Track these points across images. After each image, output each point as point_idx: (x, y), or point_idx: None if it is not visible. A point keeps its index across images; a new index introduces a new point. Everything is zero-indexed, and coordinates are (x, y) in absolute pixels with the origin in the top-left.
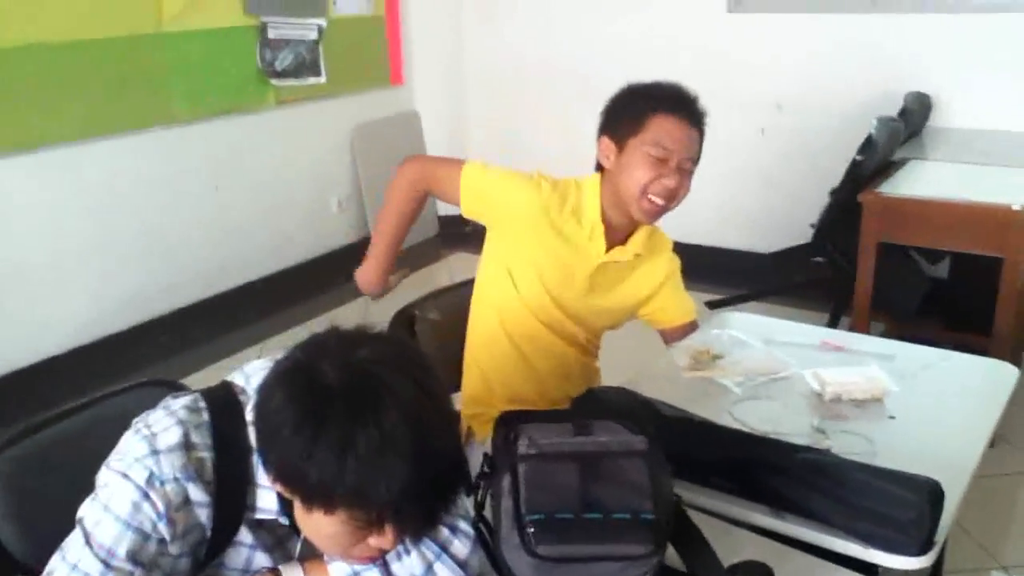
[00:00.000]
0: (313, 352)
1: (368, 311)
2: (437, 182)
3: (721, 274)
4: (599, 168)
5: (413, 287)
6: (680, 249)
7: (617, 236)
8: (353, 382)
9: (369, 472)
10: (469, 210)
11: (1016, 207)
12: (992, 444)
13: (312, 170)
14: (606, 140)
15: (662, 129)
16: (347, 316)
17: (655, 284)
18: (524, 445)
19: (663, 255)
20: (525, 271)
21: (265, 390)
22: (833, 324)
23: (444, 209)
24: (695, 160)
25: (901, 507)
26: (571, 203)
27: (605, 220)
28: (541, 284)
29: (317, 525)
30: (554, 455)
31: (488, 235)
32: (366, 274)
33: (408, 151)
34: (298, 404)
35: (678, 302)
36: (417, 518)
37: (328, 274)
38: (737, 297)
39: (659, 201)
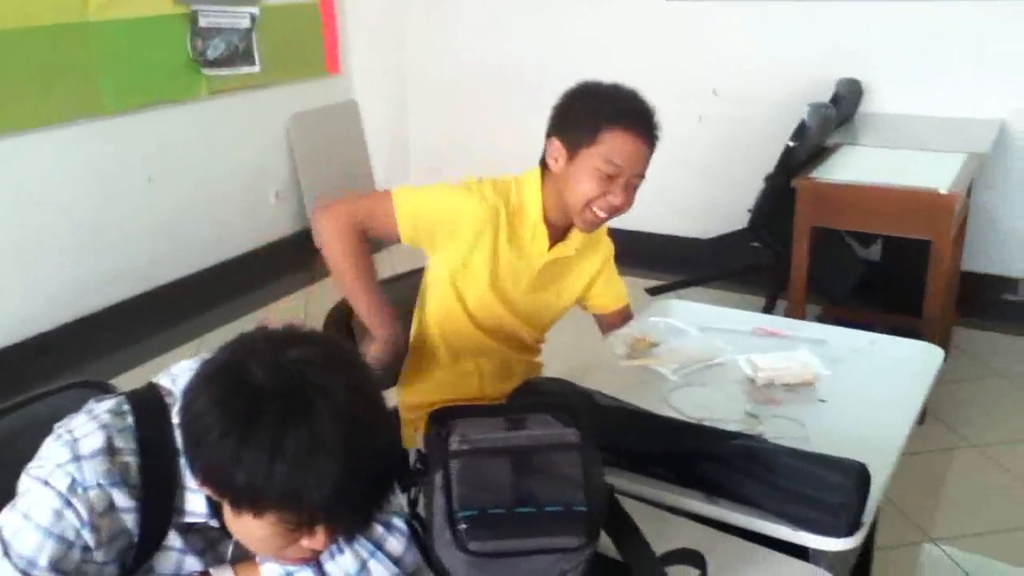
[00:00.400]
0: (241, 353)
1: (308, 306)
2: (369, 220)
3: (661, 260)
4: (542, 163)
5: None
6: (620, 236)
7: (558, 232)
8: (282, 383)
9: (299, 475)
10: (411, 238)
11: (943, 191)
12: (922, 422)
13: (248, 161)
14: (557, 143)
15: (615, 145)
16: (287, 309)
17: (595, 272)
18: (456, 441)
19: (601, 242)
20: (474, 284)
21: (191, 392)
22: (770, 308)
23: None
24: (643, 176)
25: (829, 490)
26: (513, 204)
27: (546, 219)
28: (491, 291)
29: (247, 528)
30: (486, 450)
31: (432, 259)
32: (377, 329)
33: (346, 141)
34: (225, 406)
35: (614, 288)
36: (349, 519)
37: (267, 267)
38: (676, 283)
39: (602, 215)
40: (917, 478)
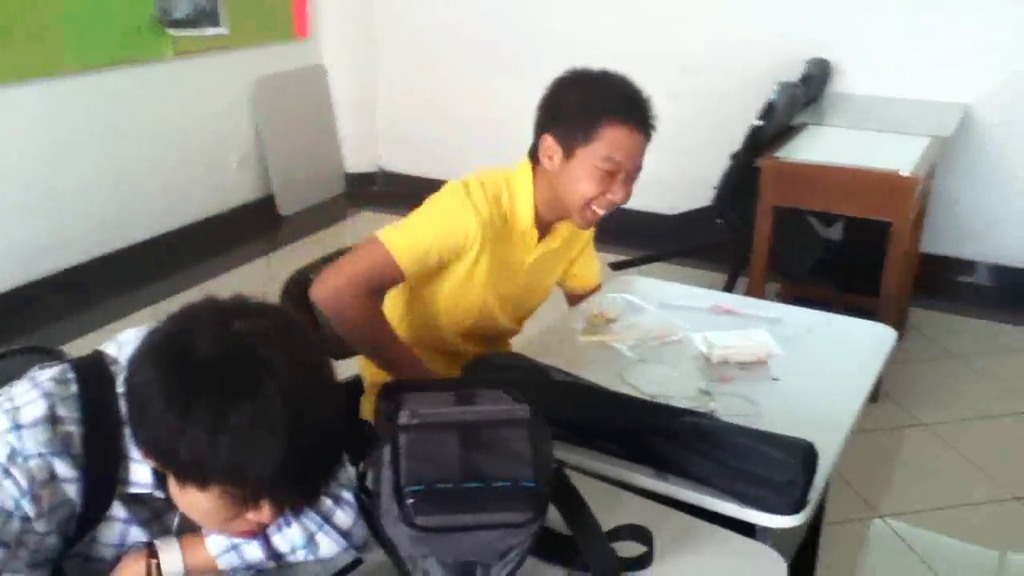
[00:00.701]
0: (185, 324)
1: (269, 274)
2: (372, 279)
3: (626, 235)
4: (532, 157)
5: (315, 247)
6: None
7: (547, 225)
8: (226, 356)
9: (242, 450)
10: (416, 273)
11: (904, 173)
12: (875, 400)
13: (212, 125)
14: (550, 140)
15: (615, 142)
16: (245, 276)
17: (575, 253)
18: (405, 416)
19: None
20: (471, 291)
21: (135, 363)
22: (731, 285)
23: (353, 166)
24: (641, 167)
25: (776, 469)
26: (504, 207)
27: (537, 217)
28: (492, 293)
29: (192, 500)
30: (435, 425)
31: (435, 275)
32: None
33: (313, 106)
34: (168, 379)
35: (590, 267)
36: (295, 494)
37: (227, 233)
38: (640, 259)
39: (601, 212)
40: (868, 456)
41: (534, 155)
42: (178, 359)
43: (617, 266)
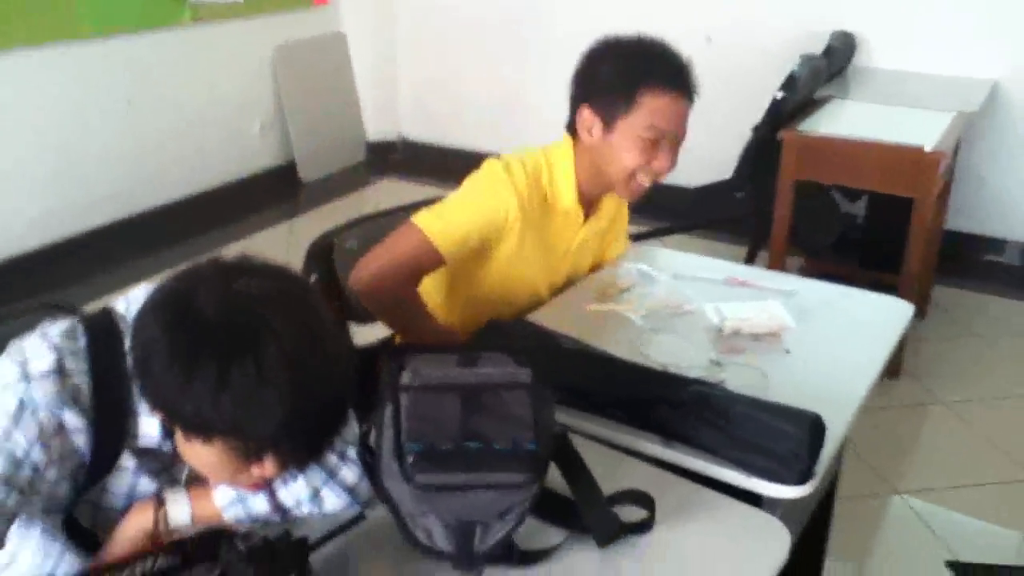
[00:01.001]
0: (190, 282)
1: (290, 239)
2: (410, 266)
3: (644, 207)
4: (571, 130)
5: (336, 213)
6: None
7: (592, 202)
8: (229, 315)
9: (243, 407)
10: (455, 256)
11: (928, 148)
12: (896, 377)
13: (232, 91)
14: (588, 112)
15: (656, 110)
16: (266, 241)
17: (614, 228)
18: (408, 376)
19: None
20: (518, 274)
21: (140, 320)
22: (750, 259)
23: (373, 134)
24: (685, 134)
25: (782, 440)
26: (544, 184)
27: (581, 194)
28: (539, 275)
29: (198, 454)
30: (437, 387)
31: (478, 258)
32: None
33: (333, 74)
34: (171, 336)
35: (622, 241)
36: (298, 451)
37: (249, 198)
38: (658, 230)
39: (647, 183)
40: (886, 433)
41: (572, 129)
42: (181, 317)
43: (635, 238)
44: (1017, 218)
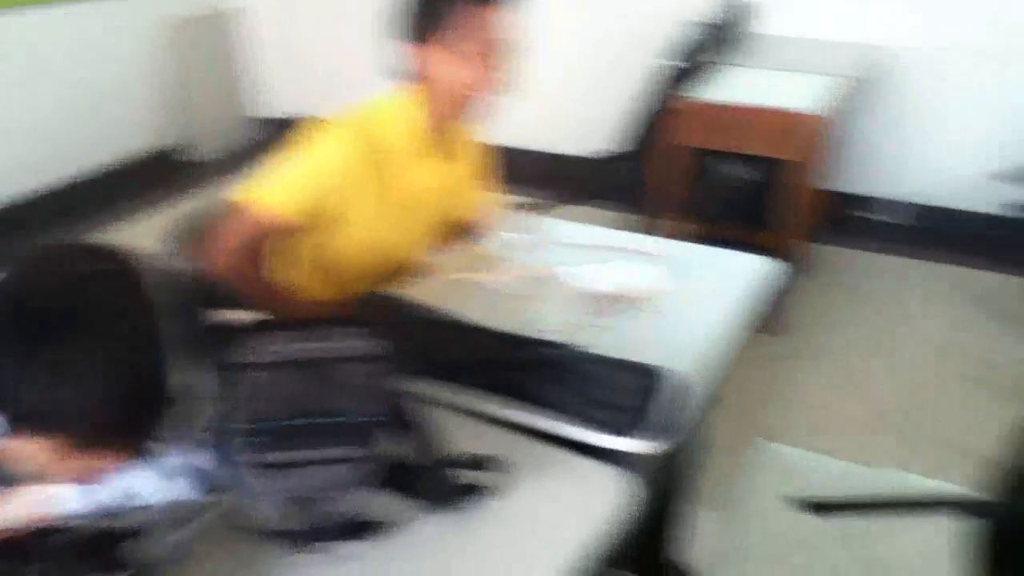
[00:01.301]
0: (21, 267)
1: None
2: (261, 240)
3: (538, 178)
4: (403, 76)
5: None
6: (502, 153)
7: (442, 146)
8: (46, 301)
9: (51, 396)
10: (303, 219)
11: (803, 111)
12: (775, 333)
13: (119, 69)
14: (408, 49)
15: (469, 22)
16: (154, 222)
17: (469, 178)
18: (247, 354)
19: (476, 148)
20: (377, 229)
21: None
22: (648, 228)
23: (272, 112)
24: (517, 39)
25: (621, 392)
26: (378, 135)
27: (433, 131)
28: (395, 229)
29: (31, 449)
30: (276, 363)
31: (330, 224)
32: None
33: (228, 52)
34: (2, 326)
35: (477, 197)
36: (131, 439)
37: (131, 182)
38: (546, 202)
39: (491, 96)
40: (762, 386)
41: (401, 73)
42: (9, 305)
43: (525, 208)
44: (907, 180)
